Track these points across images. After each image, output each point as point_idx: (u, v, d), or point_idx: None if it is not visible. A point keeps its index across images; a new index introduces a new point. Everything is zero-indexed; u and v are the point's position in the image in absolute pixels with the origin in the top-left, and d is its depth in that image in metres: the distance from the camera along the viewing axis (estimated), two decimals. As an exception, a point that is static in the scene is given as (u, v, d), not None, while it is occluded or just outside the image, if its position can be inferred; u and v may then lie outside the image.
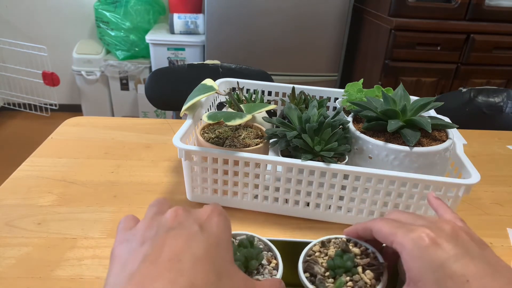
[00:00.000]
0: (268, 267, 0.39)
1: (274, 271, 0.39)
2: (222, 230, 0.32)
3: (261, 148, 0.64)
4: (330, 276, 0.39)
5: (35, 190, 0.68)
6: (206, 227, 0.31)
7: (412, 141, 0.57)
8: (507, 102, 1.22)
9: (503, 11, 1.87)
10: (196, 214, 0.33)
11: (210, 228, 0.31)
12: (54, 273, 0.52)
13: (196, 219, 0.32)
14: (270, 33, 2.07)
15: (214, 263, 0.28)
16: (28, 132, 2.54)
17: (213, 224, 0.32)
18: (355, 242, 0.43)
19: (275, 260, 0.40)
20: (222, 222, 0.32)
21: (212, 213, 0.33)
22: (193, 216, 0.32)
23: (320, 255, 0.42)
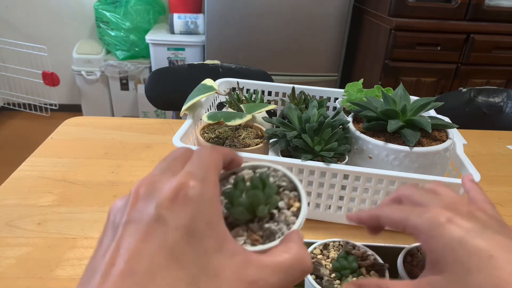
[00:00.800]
0: (286, 213, 0.28)
1: (293, 217, 0.28)
2: (197, 204, 0.23)
3: (261, 148, 0.64)
4: (336, 278, 0.40)
5: (35, 190, 0.68)
6: (171, 210, 0.22)
7: (412, 141, 0.57)
8: (507, 102, 1.22)
9: (503, 11, 1.87)
10: (162, 186, 0.23)
11: (176, 211, 0.22)
12: (54, 273, 0.52)
13: (160, 196, 0.23)
14: (270, 33, 2.07)
15: (184, 266, 0.21)
16: (28, 132, 2.54)
17: (182, 201, 0.22)
18: (353, 245, 0.44)
19: (298, 203, 0.30)
20: (198, 188, 0.23)
21: (184, 178, 0.23)
22: (157, 193, 0.23)
23: (322, 257, 0.43)
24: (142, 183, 0.24)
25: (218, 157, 0.27)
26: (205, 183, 0.24)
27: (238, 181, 0.29)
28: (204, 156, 0.27)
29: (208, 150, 0.28)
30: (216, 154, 0.28)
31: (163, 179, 0.24)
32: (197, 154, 0.27)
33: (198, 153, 0.27)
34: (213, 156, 0.27)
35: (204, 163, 0.26)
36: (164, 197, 0.22)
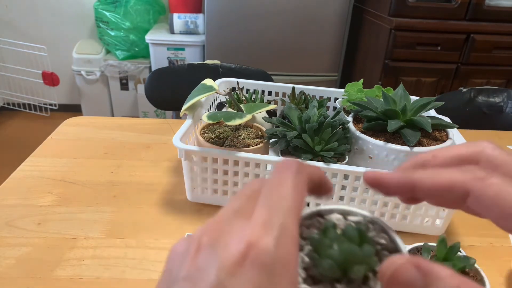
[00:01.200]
0: None
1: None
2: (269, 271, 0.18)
3: (261, 148, 0.64)
4: None
5: (35, 190, 0.68)
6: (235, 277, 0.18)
7: (412, 141, 0.57)
8: (507, 102, 1.22)
9: (503, 11, 1.87)
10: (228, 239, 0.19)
11: (241, 280, 0.18)
12: (54, 273, 0.52)
13: (224, 255, 0.18)
14: (270, 33, 2.07)
15: None
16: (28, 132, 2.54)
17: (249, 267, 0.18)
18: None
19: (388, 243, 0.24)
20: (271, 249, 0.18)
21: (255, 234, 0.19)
22: (222, 248, 0.19)
23: None
24: (207, 230, 0.20)
25: (301, 190, 0.21)
26: (281, 240, 0.19)
27: (328, 227, 0.23)
28: (285, 191, 0.21)
29: (290, 178, 0.21)
30: (300, 185, 0.22)
31: (231, 228, 0.20)
32: (275, 185, 0.21)
33: (276, 183, 0.21)
34: (296, 190, 0.21)
35: (282, 204, 0.20)
36: (229, 259, 0.18)
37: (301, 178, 0.22)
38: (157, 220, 0.63)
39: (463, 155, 0.24)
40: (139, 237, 0.59)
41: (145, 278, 0.52)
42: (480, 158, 0.23)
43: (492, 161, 0.23)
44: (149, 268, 0.54)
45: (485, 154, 0.23)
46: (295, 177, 0.21)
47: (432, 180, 0.22)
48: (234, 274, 0.18)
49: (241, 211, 0.21)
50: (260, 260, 0.18)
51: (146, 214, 0.64)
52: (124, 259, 0.55)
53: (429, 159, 0.25)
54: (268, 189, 0.21)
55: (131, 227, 0.61)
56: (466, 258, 0.46)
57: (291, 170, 0.22)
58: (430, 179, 0.22)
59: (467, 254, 0.48)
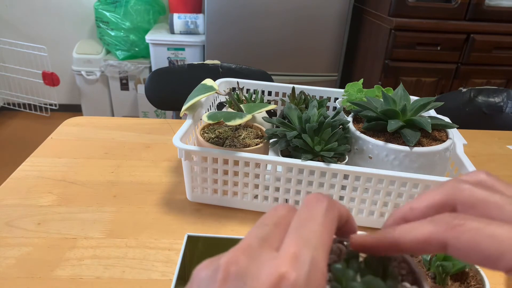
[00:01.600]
0: None
1: None
2: None
3: (261, 148, 0.64)
4: None
5: (35, 190, 0.68)
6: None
7: (412, 141, 0.57)
8: (507, 102, 1.22)
9: (503, 11, 1.87)
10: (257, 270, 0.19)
11: None
12: (54, 273, 0.52)
13: None
14: (270, 33, 2.07)
15: None
16: (28, 132, 2.54)
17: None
18: None
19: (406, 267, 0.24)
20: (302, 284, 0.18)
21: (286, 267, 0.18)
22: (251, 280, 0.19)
23: None
24: (234, 258, 0.20)
25: (331, 227, 0.21)
26: (312, 275, 0.18)
27: (351, 258, 0.23)
28: (316, 226, 0.21)
29: (322, 213, 0.21)
30: (330, 222, 0.21)
31: (259, 259, 0.19)
32: (306, 219, 0.21)
33: (307, 216, 0.21)
34: (326, 227, 0.21)
35: (313, 239, 0.20)
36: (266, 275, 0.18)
37: (331, 215, 0.21)
38: (157, 220, 0.63)
39: (439, 203, 0.24)
40: (139, 237, 0.59)
41: (145, 278, 0.52)
42: (455, 202, 0.23)
43: (467, 203, 0.22)
44: (149, 268, 0.54)
45: (459, 198, 0.23)
46: (326, 213, 0.21)
47: (410, 236, 0.22)
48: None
49: (269, 240, 0.20)
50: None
51: (146, 214, 0.64)
52: (124, 259, 0.55)
53: (407, 212, 0.25)
54: (299, 221, 0.21)
55: (131, 227, 0.61)
56: (466, 258, 0.46)
57: (323, 206, 0.21)
58: (408, 236, 0.22)
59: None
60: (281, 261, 0.19)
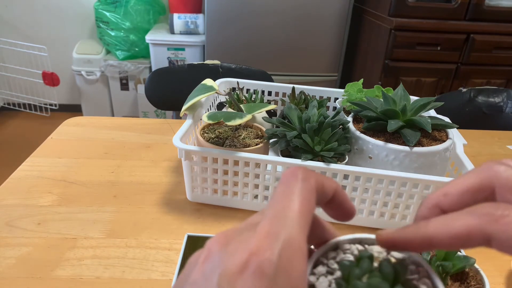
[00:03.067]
0: None
1: None
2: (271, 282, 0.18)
3: (261, 148, 0.64)
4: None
5: (35, 190, 0.68)
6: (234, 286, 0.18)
7: (412, 141, 0.57)
8: (507, 102, 1.22)
9: (503, 11, 1.87)
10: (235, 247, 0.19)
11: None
12: (54, 273, 0.52)
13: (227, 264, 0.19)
14: (270, 33, 2.07)
15: None
16: (28, 132, 2.54)
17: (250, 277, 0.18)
18: None
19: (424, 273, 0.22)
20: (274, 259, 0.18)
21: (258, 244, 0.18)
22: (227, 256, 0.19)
23: None
24: (218, 238, 0.20)
25: (308, 198, 0.21)
26: (285, 251, 0.18)
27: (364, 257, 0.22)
28: (290, 200, 0.20)
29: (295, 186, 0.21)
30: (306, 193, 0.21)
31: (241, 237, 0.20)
32: (280, 195, 0.21)
33: (281, 193, 0.21)
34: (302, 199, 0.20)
35: (287, 214, 0.20)
36: (231, 268, 0.18)
37: (307, 185, 0.21)
38: (157, 220, 0.63)
39: (475, 187, 0.22)
40: (139, 237, 0.59)
41: (145, 278, 0.52)
42: (493, 185, 0.22)
43: (506, 185, 0.21)
44: (149, 268, 0.54)
45: (497, 181, 0.21)
46: (300, 185, 0.21)
47: (448, 231, 0.20)
48: (233, 282, 0.18)
49: (253, 223, 0.21)
50: (261, 270, 0.18)
51: (146, 214, 0.64)
52: (124, 259, 0.55)
53: (441, 199, 0.23)
54: (274, 199, 0.21)
55: (131, 227, 0.61)
56: (466, 258, 0.46)
57: (296, 178, 0.21)
58: (445, 231, 0.20)
59: (467, 254, 0.48)
60: (255, 239, 0.19)
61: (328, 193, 0.23)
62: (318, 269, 0.23)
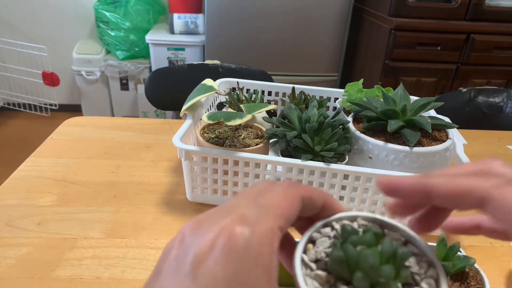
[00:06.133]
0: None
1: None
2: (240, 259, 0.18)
3: (261, 148, 0.64)
4: None
5: (35, 190, 0.68)
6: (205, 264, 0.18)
7: (412, 141, 0.57)
8: (507, 102, 1.22)
9: (503, 11, 1.87)
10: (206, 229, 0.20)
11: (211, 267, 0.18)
12: (54, 273, 0.52)
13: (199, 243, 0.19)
14: (270, 33, 2.07)
15: None
16: (28, 132, 2.54)
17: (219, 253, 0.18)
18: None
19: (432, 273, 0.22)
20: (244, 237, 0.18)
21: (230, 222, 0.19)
22: (199, 237, 0.19)
23: None
24: (190, 222, 0.21)
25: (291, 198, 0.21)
26: (257, 229, 0.19)
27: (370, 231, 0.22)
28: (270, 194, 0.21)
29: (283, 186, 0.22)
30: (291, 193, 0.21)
31: (213, 219, 0.20)
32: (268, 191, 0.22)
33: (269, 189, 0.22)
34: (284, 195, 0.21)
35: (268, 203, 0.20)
36: (202, 246, 0.18)
37: (292, 189, 0.22)
38: (157, 220, 0.63)
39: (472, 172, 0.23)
40: (139, 237, 0.59)
41: (145, 278, 0.52)
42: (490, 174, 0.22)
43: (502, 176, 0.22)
44: (149, 268, 0.54)
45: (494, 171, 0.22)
46: (286, 188, 0.22)
47: (449, 185, 0.21)
48: (204, 259, 0.18)
49: (226, 208, 0.21)
50: (230, 246, 0.18)
51: (146, 214, 0.64)
52: (124, 259, 0.55)
53: None
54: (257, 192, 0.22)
55: (131, 227, 0.61)
56: (466, 258, 0.46)
57: (284, 183, 0.22)
58: (446, 185, 0.22)
59: (467, 254, 0.48)
60: (229, 219, 0.19)
61: (317, 202, 0.23)
62: (325, 229, 0.24)
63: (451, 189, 0.21)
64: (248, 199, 0.21)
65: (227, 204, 0.22)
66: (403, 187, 0.23)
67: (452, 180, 0.22)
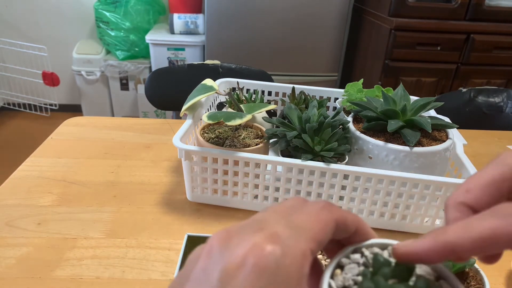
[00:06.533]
0: None
1: None
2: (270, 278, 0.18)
3: (261, 148, 0.64)
4: None
5: (35, 190, 0.68)
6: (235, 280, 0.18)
7: (412, 141, 0.57)
8: (507, 102, 1.22)
9: (503, 11, 1.87)
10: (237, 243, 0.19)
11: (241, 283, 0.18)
12: (54, 273, 0.52)
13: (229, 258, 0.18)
14: (270, 33, 2.07)
15: None
16: (28, 132, 2.53)
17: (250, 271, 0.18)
18: None
19: None
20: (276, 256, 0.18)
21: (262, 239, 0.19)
22: (229, 251, 0.19)
23: None
24: (220, 234, 0.20)
25: (324, 221, 0.21)
26: (289, 250, 0.18)
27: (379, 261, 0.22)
28: (303, 214, 0.21)
29: (317, 207, 0.21)
30: (324, 215, 0.21)
31: (244, 233, 0.19)
32: (299, 209, 0.21)
33: (301, 208, 0.21)
34: (318, 217, 0.20)
35: (301, 223, 0.20)
36: (231, 262, 0.18)
37: (326, 214, 0.21)
38: (157, 220, 0.63)
39: (497, 178, 0.21)
40: (139, 237, 0.59)
41: (145, 278, 0.52)
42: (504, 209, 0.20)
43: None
44: (149, 268, 0.54)
45: None
46: (320, 209, 0.21)
47: (470, 235, 0.19)
48: (233, 276, 0.17)
49: (261, 221, 0.20)
50: (262, 264, 0.17)
51: (146, 214, 0.64)
52: (124, 259, 0.55)
53: (465, 196, 0.22)
54: (291, 209, 0.21)
55: (131, 227, 0.61)
56: (466, 258, 0.46)
57: (319, 204, 0.21)
58: (467, 237, 0.19)
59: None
60: (261, 236, 0.19)
61: (351, 226, 0.22)
62: (355, 256, 0.23)
63: (474, 239, 0.19)
64: (279, 215, 0.21)
65: (258, 218, 0.21)
66: (423, 254, 0.20)
67: (471, 228, 0.19)
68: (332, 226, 0.21)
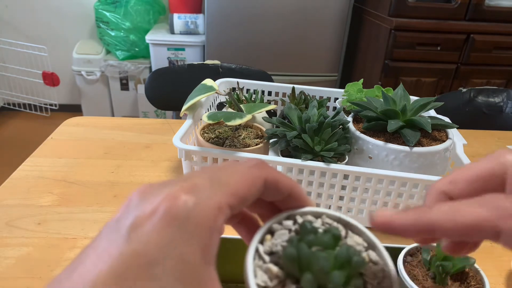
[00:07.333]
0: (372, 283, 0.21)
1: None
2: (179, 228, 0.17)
3: (261, 148, 0.64)
4: None
5: (35, 190, 0.68)
6: (141, 228, 0.17)
7: (412, 141, 0.57)
8: (507, 102, 1.22)
9: (503, 11, 1.87)
10: (154, 195, 0.19)
11: (147, 232, 0.17)
12: (54, 273, 0.52)
13: (142, 208, 0.18)
14: (270, 33, 2.07)
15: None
16: (28, 132, 2.54)
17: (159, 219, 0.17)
18: None
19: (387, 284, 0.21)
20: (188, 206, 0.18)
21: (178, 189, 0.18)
22: (144, 202, 0.18)
23: None
24: (141, 188, 0.20)
25: (251, 177, 0.20)
26: (203, 201, 0.18)
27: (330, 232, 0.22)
28: (230, 171, 0.20)
29: (247, 165, 0.21)
30: (252, 173, 0.20)
31: (164, 186, 0.19)
32: (230, 167, 0.21)
33: (232, 166, 0.21)
34: (244, 174, 0.20)
35: (224, 178, 0.20)
36: (144, 210, 0.18)
37: (255, 170, 0.21)
38: (157, 220, 0.63)
39: (484, 174, 0.21)
40: (139, 237, 0.59)
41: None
42: (505, 171, 0.20)
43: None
44: (149, 268, 0.54)
45: (510, 169, 0.20)
46: (249, 166, 0.21)
47: (454, 220, 0.19)
48: (141, 224, 0.17)
49: (184, 177, 0.20)
50: (173, 213, 0.17)
51: (146, 214, 0.64)
52: (124, 259, 0.55)
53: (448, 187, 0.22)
54: (218, 166, 0.21)
55: (131, 227, 0.61)
56: (465, 258, 0.46)
57: (251, 162, 0.21)
58: (451, 220, 0.19)
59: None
60: (179, 187, 0.18)
61: (283, 189, 0.22)
62: (287, 222, 0.23)
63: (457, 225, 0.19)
64: (207, 171, 0.20)
65: (186, 174, 0.21)
66: (402, 226, 0.20)
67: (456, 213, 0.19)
68: (259, 184, 0.20)
